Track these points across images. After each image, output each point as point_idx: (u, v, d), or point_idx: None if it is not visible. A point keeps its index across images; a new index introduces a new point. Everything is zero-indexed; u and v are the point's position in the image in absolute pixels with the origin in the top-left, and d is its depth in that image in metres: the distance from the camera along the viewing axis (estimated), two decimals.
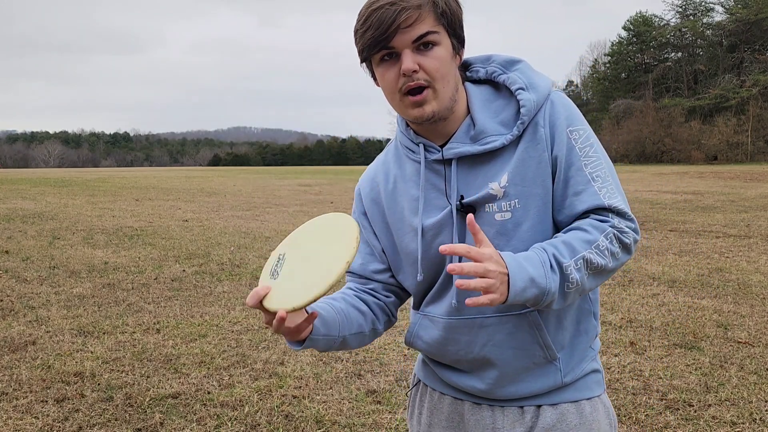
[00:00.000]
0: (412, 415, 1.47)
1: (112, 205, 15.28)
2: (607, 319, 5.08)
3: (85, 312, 5.29)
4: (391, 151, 1.36)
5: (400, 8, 1.12)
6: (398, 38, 1.13)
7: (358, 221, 1.32)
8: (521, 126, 1.19)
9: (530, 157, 1.19)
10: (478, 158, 1.22)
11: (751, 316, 5.13)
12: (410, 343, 1.38)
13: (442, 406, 1.37)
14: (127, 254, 8.10)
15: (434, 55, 1.15)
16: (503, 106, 1.23)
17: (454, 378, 1.32)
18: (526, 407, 1.28)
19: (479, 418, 1.31)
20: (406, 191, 1.28)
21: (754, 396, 3.53)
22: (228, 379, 3.80)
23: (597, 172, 1.18)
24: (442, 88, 1.17)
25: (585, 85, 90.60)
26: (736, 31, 60.75)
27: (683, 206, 14.94)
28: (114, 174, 39.02)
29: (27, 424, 3.19)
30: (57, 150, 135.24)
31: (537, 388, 1.26)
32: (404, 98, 1.17)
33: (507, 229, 1.20)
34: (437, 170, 1.24)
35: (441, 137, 1.24)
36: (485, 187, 1.20)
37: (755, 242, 9.19)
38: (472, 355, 1.27)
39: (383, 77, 1.19)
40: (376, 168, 1.37)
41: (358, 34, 1.17)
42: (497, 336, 1.24)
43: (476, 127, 1.21)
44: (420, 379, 1.43)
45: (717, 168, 39.05)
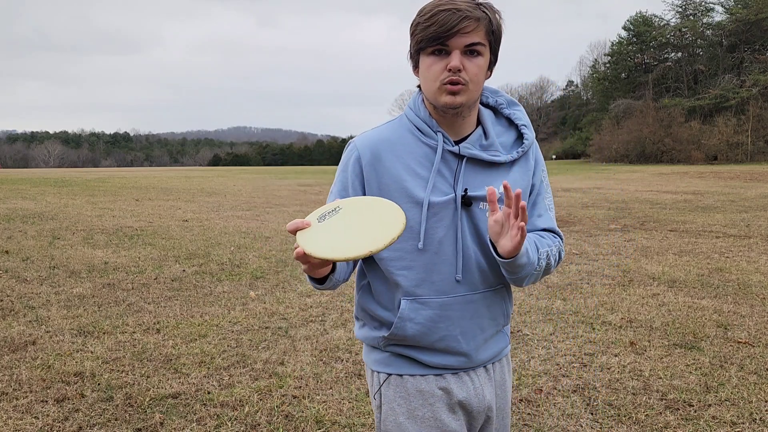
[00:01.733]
0: (388, 413, 1.53)
1: (112, 205, 15.28)
2: (607, 319, 5.08)
3: (85, 312, 5.29)
4: (396, 128, 1.51)
5: (464, 16, 1.34)
6: (455, 40, 1.36)
7: (349, 182, 1.49)
8: (520, 152, 1.51)
9: (521, 178, 1.51)
10: (484, 164, 1.48)
11: (751, 316, 5.13)
12: (394, 334, 1.49)
13: (425, 386, 1.51)
14: (127, 254, 8.10)
15: (477, 62, 1.39)
16: (503, 132, 1.54)
17: (437, 359, 1.51)
18: (488, 366, 1.59)
19: (461, 383, 1.53)
20: (411, 167, 1.46)
21: (754, 396, 3.53)
22: (228, 379, 3.80)
23: (550, 204, 1.60)
24: (473, 90, 1.41)
25: (585, 85, 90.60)
26: (736, 31, 60.73)
27: (683, 206, 14.94)
28: (114, 174, 39.04)
29: (27, 424, 3.19)
30: (57, 150, 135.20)
31: (496, 351, 1.60)
32: (443, 87, 1.39)
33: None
34: (449, 161, 1.46)
35: (455, 134, 1.48)
36: (483, 189, 1.46)
37: (755, 242, 9.19)
38: (459, 329, 1.49)
39: (430, 67, 1.40)
40: (378, 138, 1.50)
41: (420, 27, 1.38)
42: (480, 309, 1.51)
43: (488, 140, 1.49)
44: (389, 374, 1.54)
45: (717, 168, 39.03)
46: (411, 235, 1.45)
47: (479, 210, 1.46)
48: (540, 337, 4.60)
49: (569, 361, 4.11)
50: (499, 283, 1.53)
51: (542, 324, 4.94)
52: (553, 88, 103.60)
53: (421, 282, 1.46)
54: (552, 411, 3.36)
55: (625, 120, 62.07)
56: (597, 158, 62.53)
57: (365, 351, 1.63)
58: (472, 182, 1.46)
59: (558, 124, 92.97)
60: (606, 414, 3.32)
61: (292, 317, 5.14)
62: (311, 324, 4.95)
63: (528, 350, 4.33)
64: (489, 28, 1.38)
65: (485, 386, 1.56)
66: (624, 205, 15.39)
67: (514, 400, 3.48)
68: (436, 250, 1.45)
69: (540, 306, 5.49)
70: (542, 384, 3.72)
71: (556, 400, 3.50)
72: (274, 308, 5.42)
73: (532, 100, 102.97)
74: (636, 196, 18.27)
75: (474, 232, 1.48)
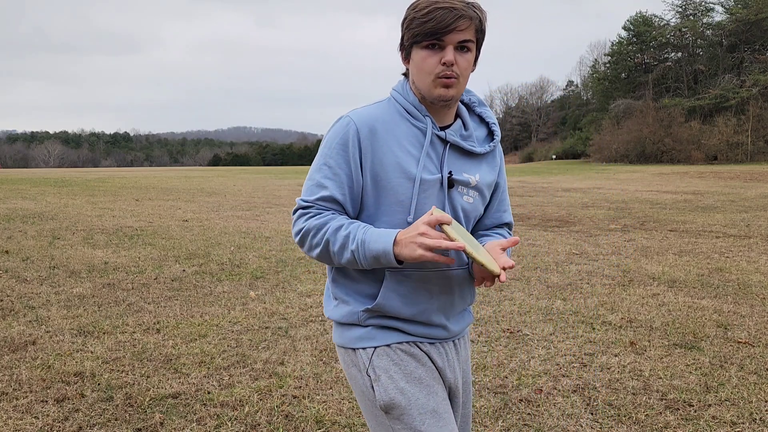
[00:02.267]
0: (387, 383, 1.55)
1: (112, 205, 15.28)
2: (607, 319, 5.08)
3: (85, 312, 5.29)
4: (386, 108, 1.59)
5: (460, 15, 1.45)
6: (450, 36, 1.46)
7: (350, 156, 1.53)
8: (492, 146, 1.67)
9: (489, 172, 1.67)
10: (463, 152, 1.62)
11: (751, 316, 5.13)
12: (379, 305, 1.55)
13: (413, 350, 1.60)
14: (127, 254, 8.10)
15: (467, 58, 1.51)
16: (476, 127, 1.69)
17: (418, 329, 1.60)
18: (455, 341, 1.71)
19: (438, 353, 1.64)
20: (403, 145, 1.54)
21: (754, 396, 3.53)
22: (228, 379, 3.80)
23: (509, 202, 1.82)
24: (462, 83, 1.54)
25: (585, 85, 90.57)
26: (736, 31, 60.72)
27: (683, 206, 14.93)
28: (114, 174, 39.05)
29: (27, 424, 3.19)
30: (57, 150, 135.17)
31: (464, 326, 1.73)
32: (437, 80, 1.50)
33: (466, 209, 1.63)
34: (436, 144, 1.57)
35: (440, 122, 1.60)
36: (462, 175, 1.59)
37: (755, 242, 9.19)
38: (438, 303, 1.61)
39: (424, 60, 1.50)
40: (372, 116, 1.56)
41: (417, 22, 1.47)
42: (455, 285, 1.63)
43: (467, 131, 1.63)
44: (375, 347, 1.57)
45: (717, 168, 39.03)
46: (401, 209, 1.53)
47: (457, 193, 1.59)
48: (540, 337, 4.60)
49: (569, 361, 4.11)
50: (467, 261, 1.66)
51: (542, 324, 4.94)
52: (553, 88, 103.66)
53: None
54: (552, 411, 3.36)
55: (625, 120, 62.05)
56: (597, 158, 62.51)
57: (340, 332, 1.64)
58: (453, 166, 1.58)
59: (558, 124, 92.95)
60: (606, 414, 3.32)
61: (292, 317, 5.14)
62: (311, 324, 4.95)
63: (528, 350, 4.33)
64: (478, 26, 1.50)
65: (455, 360, 1.69)
66: (624, 205, 15.39)
67: (515, 400, 3.49)
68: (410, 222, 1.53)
69: (540, 306, 5.49)
70: (542, 384, 3.72)
71: (556, 400, 3.50)
72: (274, 308, 5.42)
73: (532, 100, 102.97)
74: (636, 196, 18.27)
75: (453, 211, 1.60)
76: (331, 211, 1.53)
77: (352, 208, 1.56)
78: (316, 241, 1.51)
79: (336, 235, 1.48)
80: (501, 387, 3.68)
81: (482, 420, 3.26)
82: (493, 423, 3.22)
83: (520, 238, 9.57)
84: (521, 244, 9.02)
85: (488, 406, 3.41)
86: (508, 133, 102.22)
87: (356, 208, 1.56)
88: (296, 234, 1.55)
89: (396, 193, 1.52)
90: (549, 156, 76.69)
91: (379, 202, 1.53)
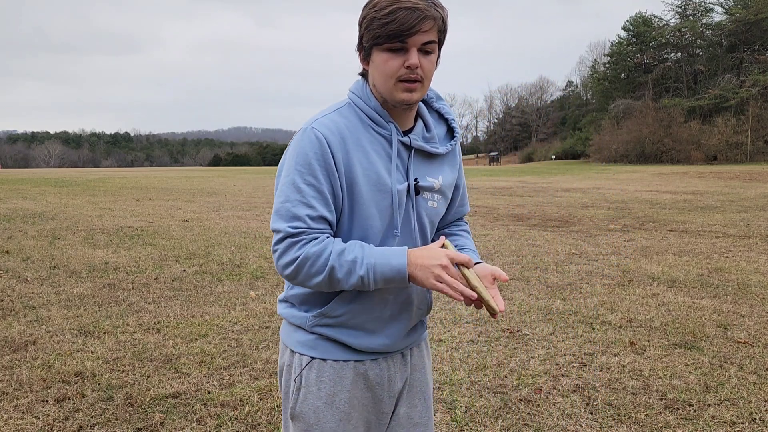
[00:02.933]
0: (306, 396, 1.54)
1: (113, 205, 15.28)
2: (607, 318, 5.09)
3: (86, 312, 5.29)
4: (347, 116, 1.49)
5: (424, 16, 1.37)
6: (414, 38, 1.38)
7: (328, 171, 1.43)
8: (452, 145, 1.61)
9: (450, 172, 1.63)
10: (426, 155, 1.56)
11: (750, 316, 5.14)
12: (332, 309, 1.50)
13: (346, 372, 1.54)
14: (128, 254, 8.11)
15: (430, 59, 1.44)
16: (435, 124, 1.61)
17: (363, 340, 1.54)
18: (404, 352, 1.64)
19: (378, 371, 1.58)
20: (370, 155, 1.47)
21: (754, 396, 3.54)
22: (228, 379, 3.80)
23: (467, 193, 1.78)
24: (426, 85, 1.46)
25: (585, 85, 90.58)
26: (736, 31, 60.73)
27: (683, 206, 14.94)
28: (114, 174, 39.04)
29: (27, 424, 3.20)
30: (57, 150, 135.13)
31: (416, 338, 1.66)
32: (399, 84, 1.42)
33: (431, 214, 1.58)
34: (401, 151, 1.51)
35: (402, 126, 1.53)
36: (427, 180, 1.54)
37: (755, 242, 9.20)
38: (390, 312, 1.55)
39: (386, 63, 1.41)
40: (339, 125, 1.46)
41: (378, 23, 1.38)
42: (412, 296, 1.57)
43: (430, 132, 1.57)
44: (312, 357, 1.54)
45: (716, 168, 39.04)
46: (375, 221, 1.47)
47: (423, 199, 1.54)
48: (540, 337, 4.61)
49: (569, 361, 4.11)
50: None
51: (542, 324, 4.94)
52: (553, 88, 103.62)
53: None
54: (552, 411, 3.36)
55: (624, 120, 62.04)
56: (597, 158, 62.50)
57: (287, 330, 1.61)
58: (418, 172, 1.53)
59: (558, 124, 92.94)
60: (606, 414, 3.33)
61: None
62: None
63: (528, 350, 4.33)
64: (441, 26, 1.43)
65: (398, 373, 1.62)
66: (624, 205, 15.40)
67: (514, 400, 3.49)
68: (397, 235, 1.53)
69: (540, 306, 5.50)
70: (542, 384, 3.73)
71: (556, 400, 3.51)
72: (275, 308, 5.43)
73: (531, 101, 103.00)
74: (636, 196, 18.28)
75: (419, 219, 1.55)
76: (325, 234, 1.42)
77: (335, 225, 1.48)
78: (317, 269, 1.39)
79: (340, 260, 1.38)
80: (501, 387, 3.69)
81: (482, 420, 3.26)
82: (493, 423, 3.23)
83: (521, 238, 9.59)
84: (521, 244, 9.04)
85: (488, 406, 3.41)
86: (508, 133, 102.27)
87: (335, 225, 1.48)
88: (289, 264, 1.40)
89: (369, 205, 1.45)
90: (549, 156, 76.69)
91: (353, 215, 1.46)
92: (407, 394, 1.66)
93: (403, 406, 1.65)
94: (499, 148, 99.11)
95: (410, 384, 1.66)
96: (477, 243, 9.15)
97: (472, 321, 5.02)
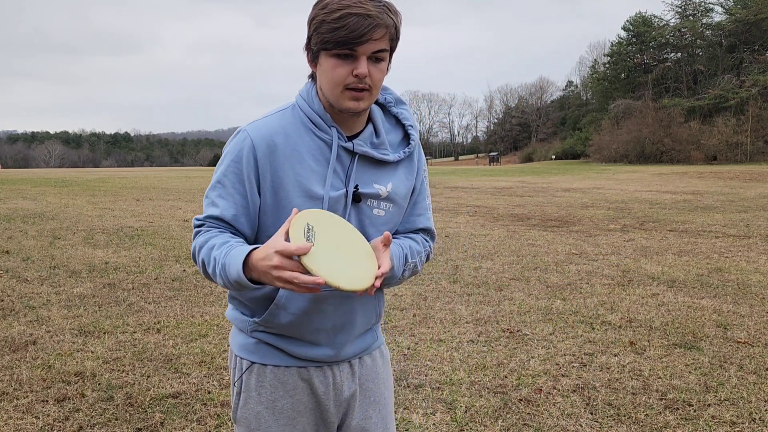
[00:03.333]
0: (247, 401, 1.52)
1: (113, 205, 15.29)
2: (607, 319, 5.09)
3: (86, 312, 5.29)
4: (288, 118, 1.46)
5: (376, 24, 1.32)
6: (364, 46, 1.33)
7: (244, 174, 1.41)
8: (407, 152, 1.54)
9: (406, 179, 1.55)
10: (374, 162, 1.49)
11: (750, 316, 5.14)
12: (266, 320, 1.47)
13: (287, 378, 1.51)
14: (128, 254, 8.11)
15: (380, 68, 1.39)
16: (391, 129, 1.55)
17: (304, 350, 1.50)
18: (353, 361, 1.58)
19: (323, 378, 1.53)
20: (306, 161, 1.43)
21: (754, 396, 3.54)
22: (228, 379, 3.80)
23: (429, 204, 1.65)
24: (375, 94, 1.41)
25: (585, 85, 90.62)
26: (736, 31, 60.75)
27: (683, 206, 14.94)
28: (114, 174, 39.03)
29: (27, 424, 3.20)
30: (57, 150, 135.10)
31: (364, 347, 1.59)
32: (346, 92, 1.37)
33: (377, 223, 1.50)
34: (342, 157, 1.46)
35: (348, 131, 1.47)
36: (372, 187, 1.48)
37: (755, 242, 9.20)
38: (332, 323, 1.49)
39: (334, 69, 1.36)
40: (272, 128, 1.44)
41: (327, 27, 1.32)
42: (355, 305, 1.51)
43: (379, 138, 1.50)
44: (252, 362, 1.52)
45: (716, 168, 39.05)
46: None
47: (366, 207, 1.48)
48: (540, 337, 4.61)
49: (569, 361, 4.11)
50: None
51: (542, 324, 4.95)
52: (553, 88, 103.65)
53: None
54: (552, 411, 3.37)
55: (624, 120, 62.04)
56: (597, 158, 62.51)
57: (232, 333, 1.59)
58: (361, 179, 1.47)
59: (558, 124, 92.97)
60: (606, 414, 3.33)
61: None
62: None
63: (528, 350, 4.33)
64: (393, 34, 1.38)
65: (346, 381, 1.56)
66: (624, 205, 15.40)
67: (514, 400, 3.49)
68: None
69: (540, 306, 5.50)
70: (542, 384, 3.73)
71: (556, 400, 3.51)
72: None
73: (531, 101, 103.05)
74: (635, 196, 18.29)
75: (360, 228, 1.48)
76: (218, 229, 1.42)
77: (249, 228, 1.44)
78: (199, 262, 1.40)
79: (210, 256, 1.37)
80: (501, 387, 3.69)
81: (482, 420, 3.26)
82: (493, 423, 3.23)
83: (521, 238, 9.60)
84: (521, 244, 9.04)
85: (488, 406, 3.42)
86: (508, 133, 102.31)
87: (254, 229, 1.45)
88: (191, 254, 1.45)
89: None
90: (549, 156, 76.72)
91: (279, 222, 1.39)
92: (359, 404, 1.59)
93: (356, 417, 1.58)
94: (499, 148, 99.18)
95: (362, 394, 1.60)
96: (477, 243, 9.16)
97: (472, 321, 5.02)
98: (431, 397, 3.55)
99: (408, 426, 3.20)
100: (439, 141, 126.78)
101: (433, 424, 3.21)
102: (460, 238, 9.72)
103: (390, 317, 5.07)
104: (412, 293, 5.92)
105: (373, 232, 1.49)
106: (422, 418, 3.28)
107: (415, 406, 3.42)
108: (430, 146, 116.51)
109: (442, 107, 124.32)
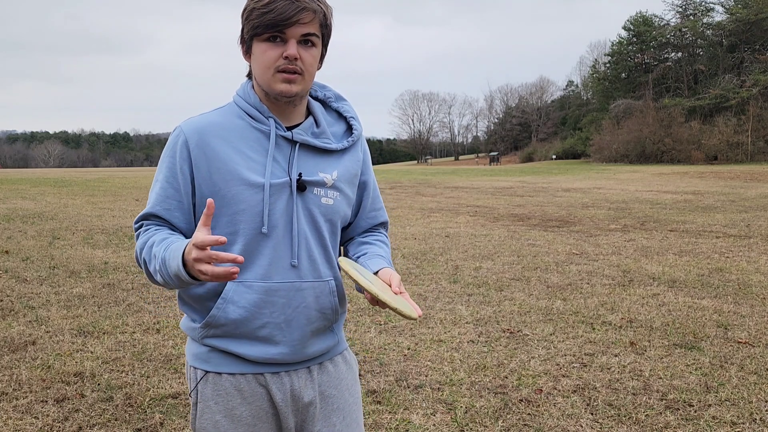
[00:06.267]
0: (204, 410, 1.50)
1: (112, 205, 15.28)
2: (607, 319, 5.08)
3: (85, 312, 5.29)
4: (225, 114, 1.50)
5: (302, 7, 1.38)
6: (292, 29, 1.39)
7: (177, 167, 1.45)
8: (350, 142, 1.57)
9: (352, 167, 1.57)
10: (317, 151, 1.52)
11: (751, 316, 5.13)
12: (215, 317, 1.45)
13: (244, 385, 1.49)
14: (127, 254, 8.10)
15: (311, 52, 1.43)
16: (333, 122, 1.59)
17: (259, 350, 1.46)
18: (312, 366, 1.55)
19: (280, 385, 1.50)
20: (243, 152, 1.45)
21: (754, 396, 3.53)
22: None
23: (381, 199, 1.71)
24: (308, 80, 1.45)
25: (585, 85, 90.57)
26: (736, 31, 60.70)
27: (683, 206, 14.94)
28: (114, 174, 39.02)
29: (27, 424, 3.19)
30: (57, 150, 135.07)
31: (323, 348, 1.55)
32: (278, 74, 1.41)
33: (328, 212, 1.51)
34: (282, 146, 1.48)
35: (286, 122, 1.50)
36: (317, 175, 1.49)
37: (755, 242, 9.19)
38: (284, 317, 1.46)
39: (265, 53, 1.41)
40: (206, 122, 1.47)
41: (256, 13, 1.39)
42: (308, 299, 1.48)
43: (319, 128, 1.53)
44: (206, 371, 1.50)
45: (717, 168, 39.04)
46: (244, 218, 1.43)
47: (313, 195, 1.49)
48: (540, 337, 4.60)
49: (569, 361, 4.11)
50: (329, 275, 1.53)
51: (542, 324, 4.94)
52: (553, 88, 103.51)
53: (251, 265, 1.44)
54: (552, 411, 3.36)
55: (625, 120, 62.00)
56: (597, 158, 62.49)
57: (187, 344, 1.58)
58: (305, 167, 1.48)
59: (558, 124, 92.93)
60: (606, 414, 3.32)
61: None
62: None
63: (528, 350, 4.33)
64: (323, 21, 1.43)
65: (304, 388, 1.53)
66: (624, 205, 15.39)
67: (515, 400, 3.48)
68: (271, 234, 1.45)
69: (540, 306, 5.49)
70: (542, 384, 3.72)
71: (556, 400, 3.50)
72: None
73: (532, 100, 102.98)
74: (636, 196, 18.28)
75: (309, 217, 1.49)
76: (155, 227, 1.45)
77: (184, 223, 1.47)
78: (141, 262, 1.43)
79: (150, 253, 1.38)
80: (501, 387, 3.68)
81: (482, 420, 3.26)
82: (493, 423, 3.22)
83: (521, 238, 9.59)
84: (521, 244, 9.03)
85: (488, 406, 3.41)
86: (508, 132, 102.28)
87: (189, 222, 1.47)
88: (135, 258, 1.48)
89: (236, 202, 1.43)
90: (549, 156, 76.68)
91: (219, 213, 1.43)
92: (321, 411, 1.55)
93: (317, 425, 1.54)
94: (500, 148, 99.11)
95: (323, 401, 1.56)
96: (477, 243, 9.15)
97: (472, 321, 5.01)
98: (431, 397, 3.54)
99: (408, 426, 3.19)
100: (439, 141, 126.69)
101: (434, 425, 3.21)
102: (461, 238, 9.72)
103: (390, 317, 5.06)
104: (412, 293, 5.91)
105: (322, 221, 1.51)
106: (422, 419, 3.27)
107: (415, 407, 3.41)
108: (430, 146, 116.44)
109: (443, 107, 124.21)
